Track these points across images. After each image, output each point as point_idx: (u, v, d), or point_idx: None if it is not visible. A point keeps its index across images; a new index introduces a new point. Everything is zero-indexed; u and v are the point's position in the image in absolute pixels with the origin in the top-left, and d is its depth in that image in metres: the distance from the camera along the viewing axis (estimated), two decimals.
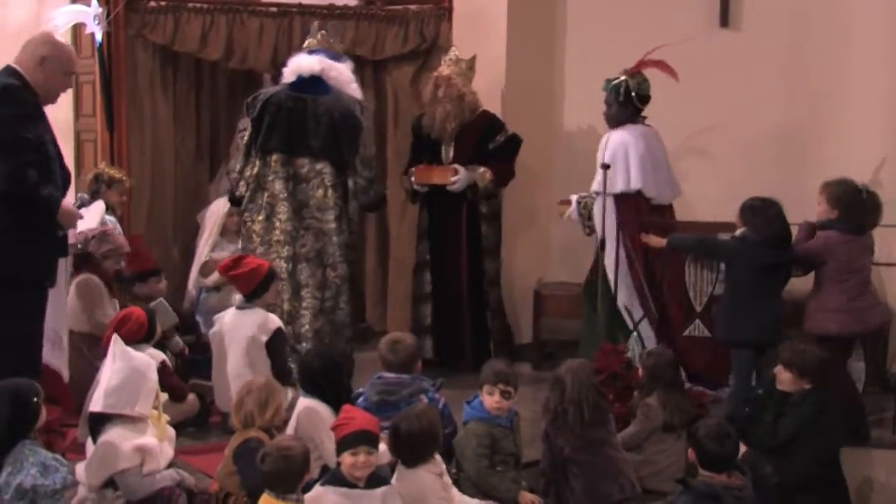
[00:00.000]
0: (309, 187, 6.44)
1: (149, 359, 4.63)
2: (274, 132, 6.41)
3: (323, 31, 6.77)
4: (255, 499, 4.02)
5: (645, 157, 6.34)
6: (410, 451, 4.20)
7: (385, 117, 7.83)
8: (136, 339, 5.12)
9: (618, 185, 6.32)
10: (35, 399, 3.96)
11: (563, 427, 4.66)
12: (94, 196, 6.58)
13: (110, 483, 4.20)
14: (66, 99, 7.98)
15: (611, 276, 6.34)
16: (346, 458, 3.95)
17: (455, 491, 4.33)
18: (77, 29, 7.32)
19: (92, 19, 6.90)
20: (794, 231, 5.79)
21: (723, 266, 5.99)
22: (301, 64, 6.53)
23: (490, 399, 4.71)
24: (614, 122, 6.50)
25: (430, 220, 7.08)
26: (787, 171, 7.16)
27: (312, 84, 6.47)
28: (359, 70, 7.76)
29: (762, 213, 5.59)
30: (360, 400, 4.85)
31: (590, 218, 6.48)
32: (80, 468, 4.23)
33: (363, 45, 7.65)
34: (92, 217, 6.46)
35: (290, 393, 5.54)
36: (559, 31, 7.48)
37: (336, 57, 6.64)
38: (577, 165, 7.43)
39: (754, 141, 7.29)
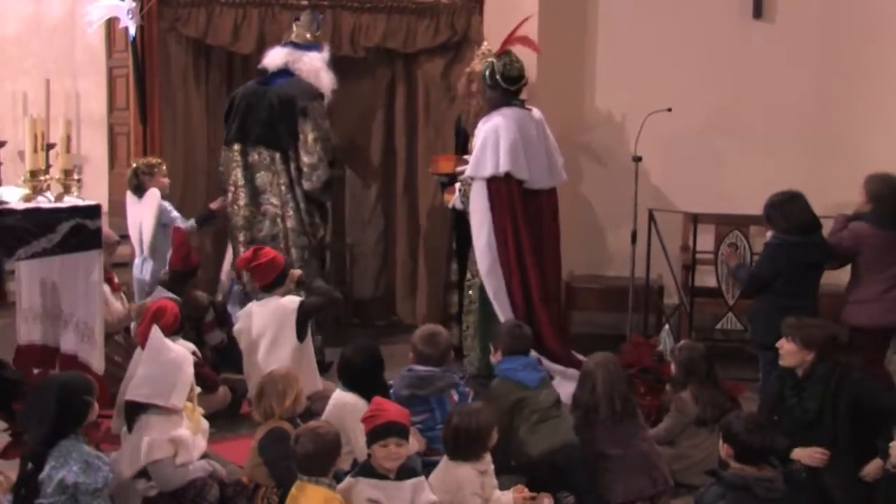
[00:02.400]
0: (263, 174, 6.64)
1: (185, 351, 4.67)
2: (234, 123, 6.66)
3: (297, 22, 6.88)
4: (284, 489, 4.04)
5: (516, 141, 6.22)
6: (454, 444, 4.21)
7: (416, 110, 7.84)
8: (170, 332, 5.17)
9: (487, 169, 6.23)
10: (86, 396, 3.98)
11: (595, 422, 4.64)
12: (137, 190, 6.63)
13: (143, 473, 4.23)
14: (100, 92, 8.15)
15: (481, 263, 6.28)
16: (377, 449, 3.96)
17: (496, 491, 4.31)
18: (111, 23, 7.39)
19: (125, 14, 6.96)
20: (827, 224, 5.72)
21: (756, 259, 5.92)
22: (269, 59, 6.73)
23: None
24: (490, 106, 6.42)
25: (455, 209, 7.09)
26: (819, 163, 7.11)
27: (281, 75, 6.65)
28: (390, 63, 7.83)
29: (781, 207, 5.51)
30: (390, 393, 4.85)
31: None
32: (113, 457, 4.27)
33: (394, 38, 7.66)
34: (149, 208, 6.53)
35: (319, 384, 5.56)
36: (591, 23, 7.45)
37: (308, 47, 6.76)
38: (607, 158, 7.43)
39: (786, 132, 7.24)
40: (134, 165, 6.77)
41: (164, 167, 6.86)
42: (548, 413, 4.82)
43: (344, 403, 4.68)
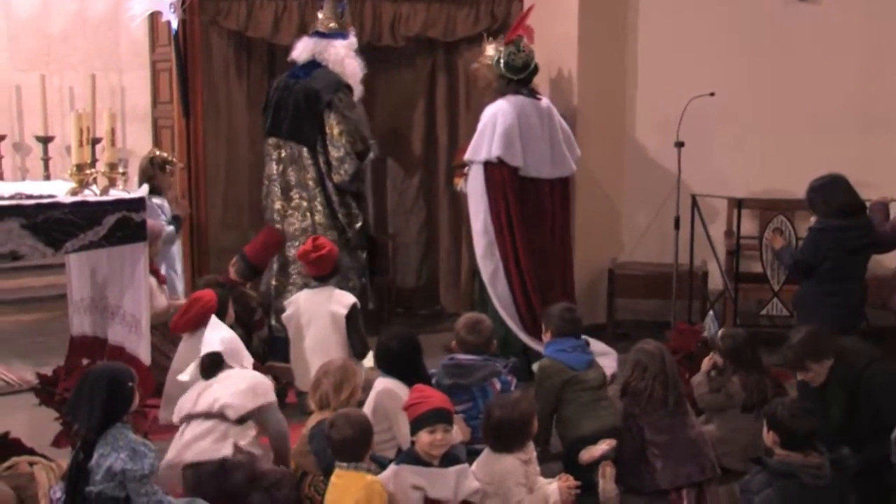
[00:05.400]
0: (293, 168, 6.66)
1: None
2: (268, 117, 6.72)
3: (320, 12, 6.91)
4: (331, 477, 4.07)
5: (512, 127, 6.25)
6: (497, 437, 4.19)
7: (457, 99, 7.85)
8: (207, 322, 5.27)
9: (482, 153, 6.29)
10: (130, 384, 4.05)
11: (647, 407, 4.63)
12: (149, 180, 6.61)
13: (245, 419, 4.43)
14: (144, 86, 8.24)
15: (477, 246, 6.33)
16: (424, 436, 3.97)
17: (539, 478, 4.31)
18: (154, 18, 7.45)
19: (168, 7, 7.00)
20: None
21: (800, 244, 5.85)
22: (297, 53, 6.76)
23: None
24: (497, 93, 6.47)
25: None
26: (865, 147, 7.02)
27: (310, 67, 6.68)
28: (431, 52, 7.83)
29: (821, 191, 5.42)
30: (433, 382, 4.85)
31: None
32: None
33: (434, 27, 7.67)
34: None
35: (363, 374, 5.60)
36: (632, 7, 7.39)
37: (333, 35, 6.76)
38: (648, 144, 7.38)
39: (832, 116, 7.15)
40: (151, 155, 6.81)
41: (178, 166, 6.93)
42: (598, 394, 4.88)
43: (386, 390, 4.69)
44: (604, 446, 4.58)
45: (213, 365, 4.62)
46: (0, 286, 7.86)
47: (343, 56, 6.71)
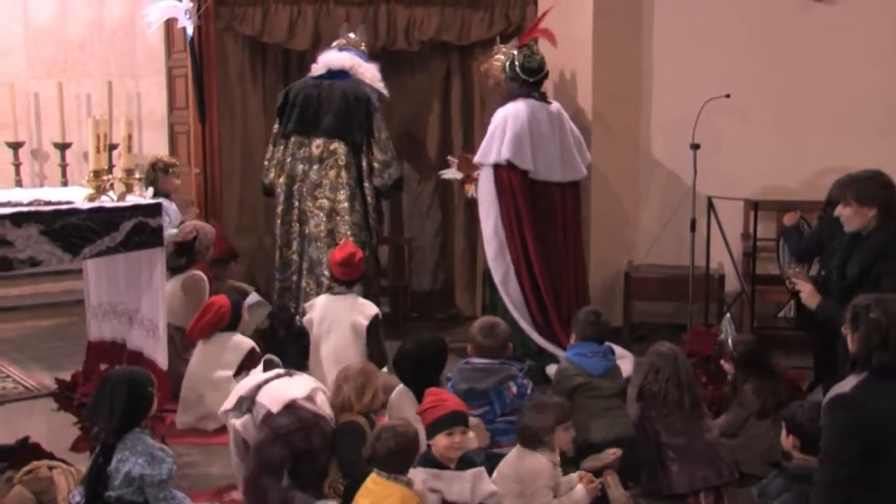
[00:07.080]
0: (322, 167, 6.64)
1: None
2: (293, 116, 6.70)
3: (352, 34, 7.04)
4: (352, 480, 4.07)
5: (523, 131, 6.24)
6: (527, 437, 4.22)
7: (472, 103, 7.85)
8: (218, 328, 5.29)
9: (491, 156, 6.29)
10: (150, 388, 4.07)
11: (662, 410, 4.62)
12: (152, 184, 6.67)
13: None
14: (160, 92, 8.30)
15: (488, 248, 6.33)
16: (442, 439, 3.96)
17: (561, 478, 4.32)
18: (169, 24, 7.50)
19: (183, 14, 7.06)
20: None
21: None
22: (332, 59, 6.79)
23: None
24: (508, 96, 6.48)
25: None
26: (883, 148, 6.95)
27: (337, 76, 6.73)
28: (445, 56, 7.84)
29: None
30: (448, 386, 4.84)
31: None
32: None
33: (449, 31, 7.68)
34: None
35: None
36: (646, 10, 7.37)
37: (363, 58, 6.89)
38: (663, 146, 7.36)
39: (849, 117, 7.10)
40: (152, 160, 6.86)
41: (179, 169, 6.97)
42: (611, 402, 4.84)
43: (400, 395, 4.74)
44: (608, 456, 4.58)
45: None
46: (18, 292, 7.94)
47: (376, 79, 6.82)
